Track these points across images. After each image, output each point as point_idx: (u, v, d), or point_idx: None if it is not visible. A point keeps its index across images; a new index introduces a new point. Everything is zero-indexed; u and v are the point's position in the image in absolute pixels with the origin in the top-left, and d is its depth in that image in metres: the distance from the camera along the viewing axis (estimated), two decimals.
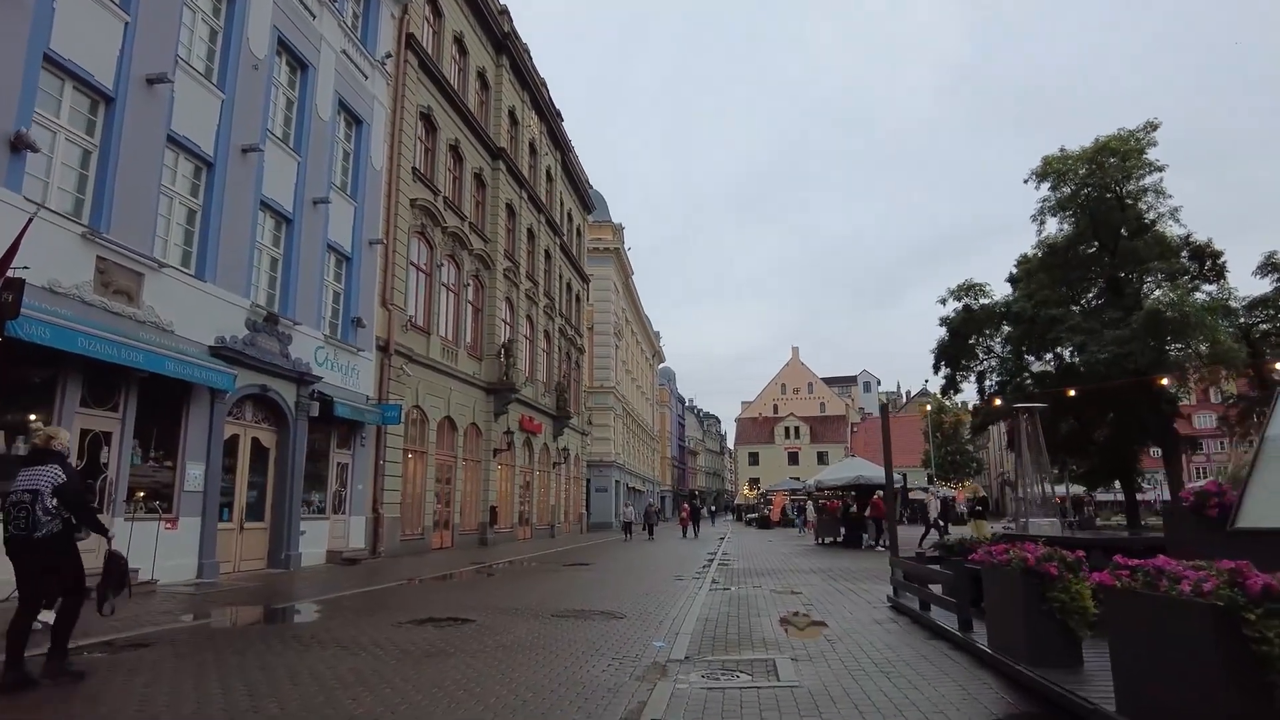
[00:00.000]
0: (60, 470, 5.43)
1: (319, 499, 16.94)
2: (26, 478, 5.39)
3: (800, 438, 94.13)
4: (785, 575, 14.64)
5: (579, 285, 42.12)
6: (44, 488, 5.28)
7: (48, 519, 5.25)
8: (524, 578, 14.59)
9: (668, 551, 23.65)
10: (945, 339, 35.64)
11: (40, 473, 5.37)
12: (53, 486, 5.30)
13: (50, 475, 5.35)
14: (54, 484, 5.31)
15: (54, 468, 5.41)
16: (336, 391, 16.98)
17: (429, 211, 22.29)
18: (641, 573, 15.58)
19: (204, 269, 13.38)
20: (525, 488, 31.01)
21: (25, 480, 5.37)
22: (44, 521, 5.24)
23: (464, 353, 24.87)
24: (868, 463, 24.95)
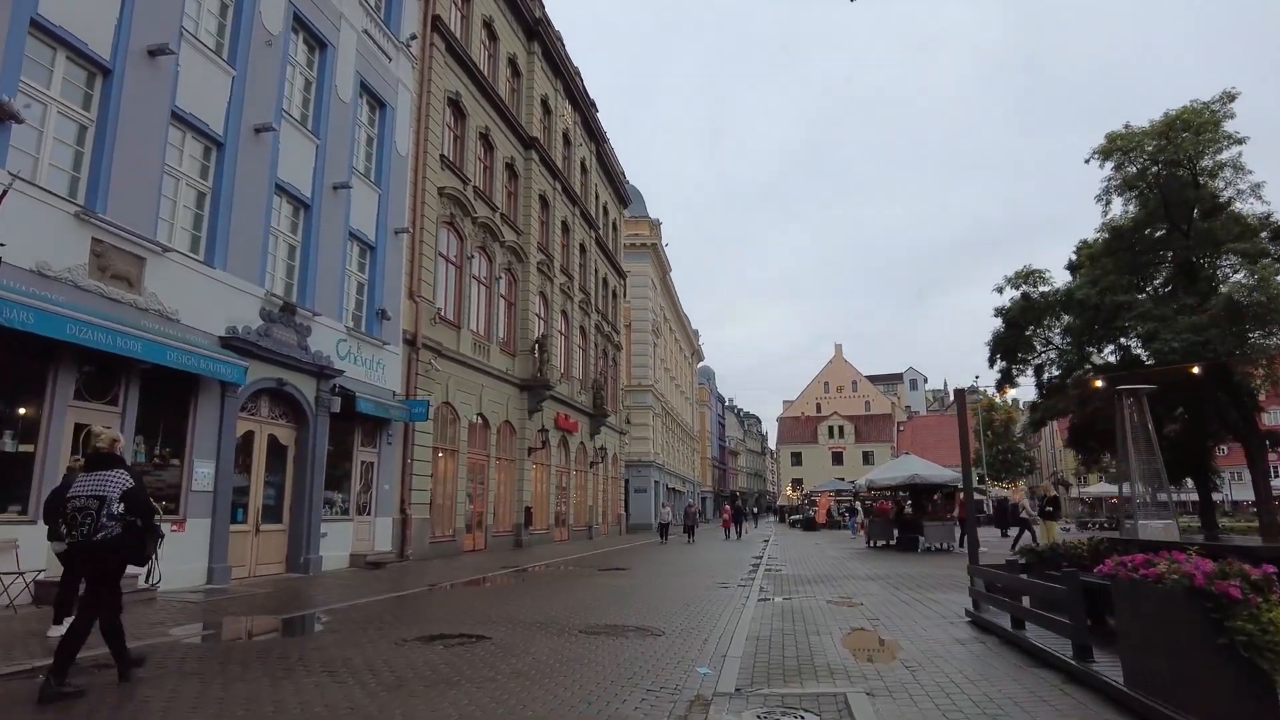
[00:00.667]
0: (127, 475, 5.37)
1: (342, 500, 16.11)
2: (92, 483, 5.27)
3: (844, 437, 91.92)
4: (841, 582, 13.36)
5: (615, 281, 41.10)
6: (112, 494, 5.21)
7: (110, 523, 5.17)
8: (554, 584, 13.54)
9: (710, 555, 22.45)
10: (1001, 330, 33.84)
11: (106, 478, 5.26)
12: (121, 492, 5.24)
13: (118, 481, 5.27)
14: (123, 489, 5.25)
15: (120, 473, 5.33)
16: (360, 387, 16.15)
17: (458, 201, 21.43)
18: (682, 579, 14.43)
19: (214, 255, 12.60)
20: (562, 488, 30.05)
21: (91, 486, 5.25)
22: (106, 526, 5.16)
23: (496, 348, 23.98)
24: (923, 460, 23.49)
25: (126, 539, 5.27)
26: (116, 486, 5.25)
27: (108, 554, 5.21)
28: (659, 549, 24.30)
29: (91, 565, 5.26)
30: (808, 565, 17.71)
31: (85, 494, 5.24)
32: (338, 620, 8.84)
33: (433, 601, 10.76)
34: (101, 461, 5.43)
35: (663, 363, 56.31)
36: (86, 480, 5.33)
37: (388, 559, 16.57)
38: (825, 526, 48.24)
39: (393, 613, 9.45)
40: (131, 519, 5.30)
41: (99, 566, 5.25)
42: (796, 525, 53.97)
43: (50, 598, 9.21)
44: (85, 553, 5.19)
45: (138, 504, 5.35)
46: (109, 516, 5.17)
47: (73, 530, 5.22)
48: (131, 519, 5.30)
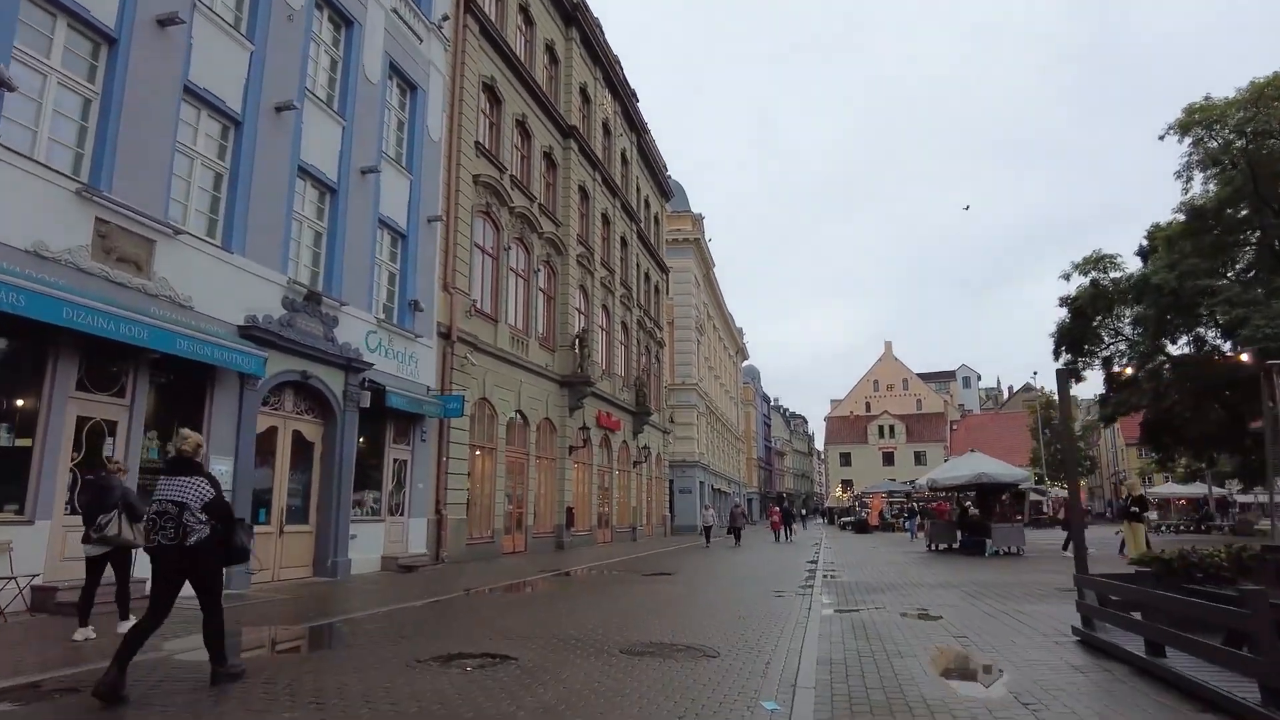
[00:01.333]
0: (208, 485, 5.30)
1: (373, 499, 15.32)
2: (171, 488, 5.21)
3: (895, 437, 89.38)
4: (910, 591, 12.08)
5: (658, 276, 40.04)
6: (192, 502, 5.15)
7: (199, 526, 5.13)
8: (595, 590, 12.52)
9: (760, 560, 21.23)
10: (1066, 321, 31.92)
11: (187, 485, 5.20)
12: (203, 503, 5.19)
13: (199, 490, 5.22)
14: (203, 501, 5.20)
15: (201, 482, 5.28)
16: (391, 380, 15.36)
17: (494, 190, 20.60)
18: (733, 587, 13.29)
19: (232, 239, 11.87)
20: (604, 488, 29.08)
21: (170, 490, 5.19)
22: (195, 529, 5.11)
23: (535, 343, 23.11)
24: (989, 458, 21.95)
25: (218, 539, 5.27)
26: (197, 497, 5.19)
27: (205, 555, 5.19)
28: (704, 553, 23.12)
29: (185, 567, 5.19)
30: (868, 571, 16.41)
31: (165, 498, 5.18)
32: (352, 633, 7.93)
33: (460, 610, 9.81)
34: (183, 466, 5.34)
35: (706, 361, 55.06)
36: (167, 484, 5.25)
37: (421, 562, 15.74)
38: (878, 529, 46.50)
39: (415, 624, 8.51)
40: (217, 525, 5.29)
41: (199, 568, 5.21)
42: (847, 527, 52.22)
43: (48, 605, 8.52)
44: (178, 556, 5.12)
45: (219, 514, 5.31)
46: (194, 520, 5.13)
47: (154, 534, 5.14)
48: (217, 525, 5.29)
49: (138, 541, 7.03)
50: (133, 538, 7.09)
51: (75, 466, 9.33)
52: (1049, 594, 11.18)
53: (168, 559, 5.15)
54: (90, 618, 7.27)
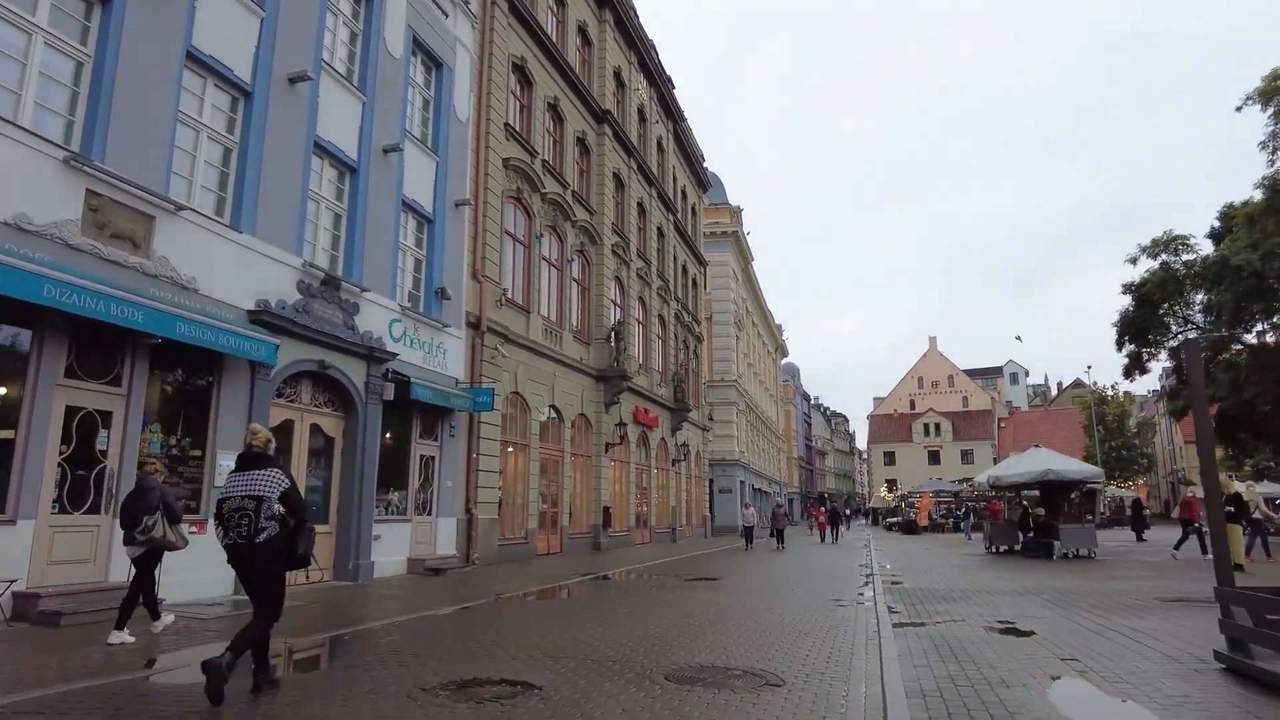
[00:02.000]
0: (283, 475, 5.24)
1: (398, 498, 14.45)
2: (248, 483, 5.12)
3: (941, 435, 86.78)
4: (984, 599, 10.79)
5: (695, 269, 38.87)
6: (270, 493, 5.07)
7: (269, 524, 5.04)
8: (634, 598, 11.45)
9: (809, 563, 19.98)
10: (1130, 309, 29.91)
11: (263, 478, 5.13)
12: (280, 492, 5.11)
13: (276, 481, 5.15)
14: (281, 489, 5.13)
15: (276, 473, 5.20)
16: (417, 372, 14.49)
17: (525, 175, 19.66)
18: (786, 594, 12.12)
19: (241, 218, 11.04)
20: (642, 487, 28.02)
21: (246, 485, 5.11)
22: (265, 526, 5.02)
23: (569, 335, 22.14)
24: (1055, 454, 20.39)
25: (286, 539, 5.16)
26: (275, 486, 5.11)
27: (271, 555, 5.09)
28: (747, 556, 21.86)
29: (252, 567, 5.12)
30: (930, 575, 15.10)
31: (240, 494, 5.08)
32: (358, 648, 6.96)
33: (485, 621, 8.82)
34: (255, 461, 5.25)
35: (745, 358, 53.71)
36: (240, 480, 5.16)
37: (450, 564, 14.83)
38: (927, 529, 44.75)
39: (430, 638, 7.54)
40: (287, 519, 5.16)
41: (262, 568, 5.12)
42: (894, 528, 50.53)
43: (29, 613, 7.73)
44: (246, 554, 5.05)
45: (295, 504, 5.21)
46: (268, 517, 5.02)
47: (230, 532, 5.05)
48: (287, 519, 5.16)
49: (177, 544, 7.23)
50: (173, 539, 7.17)
51: (64, 460, 8.53)
52: (1151, 605, 9.82)
53: (240, 557, 5.07)
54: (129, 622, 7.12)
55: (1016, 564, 17.62)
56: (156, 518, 7.01)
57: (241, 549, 5.02)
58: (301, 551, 5.28)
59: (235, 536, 5.01)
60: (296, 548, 5.23)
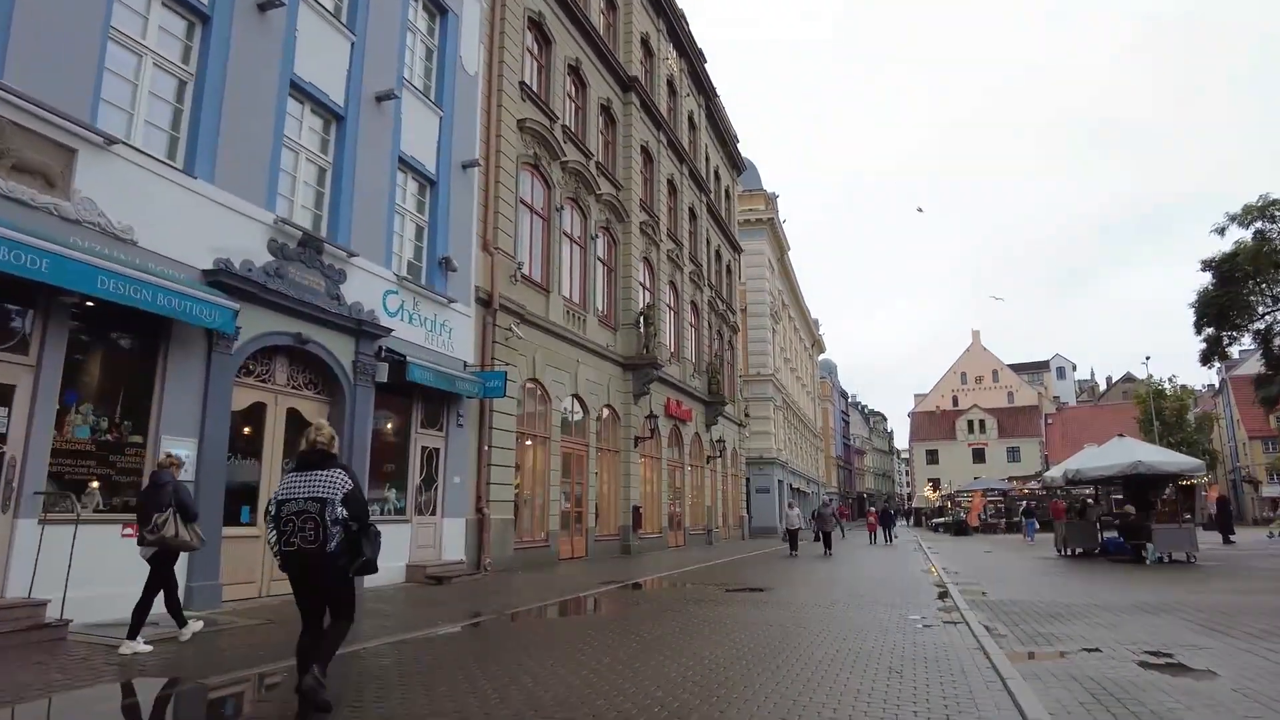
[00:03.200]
0: (347, 476, 4.79)
1: (395, 496, 12.66)
2: (308, 484, 4.68)
3: (986, 432, 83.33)
4: (1104, 617, 8.63)
5: (729, 255, 36.77)
6: (333, 496, 4.64)
7: (336, 529, 4.62)
8: (670, 616, 9.48)
9: (865, 569, 17.82)
10: (1209, 288, 27.13)
11: (324, 478, 4.69)
12: (343, 494, 4.68)
13: (339, 482, 4.70)
14: (345, 490, 4.70)
15: (340, 474, 4.76)
16: (417, 352, 12.69)
17: (543, 140, 17.80)
18: (852, 610, 10.06)
19: (197, 163, 9.30)
20: (675, 486, 26.03)
21: (306, 486, 4.66)
22: (334, 532, 4.60)
23: (594, 319, 20.24)
24: (1145, 444, 18.02)
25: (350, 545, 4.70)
26: (339, 488, 4.67)
27: (343, 562, 4.66)
28: (794, 563, 19.64)
29: (320, 575, 4.67)
30: (1012, 585, 12.91)
31: (303, 495, 4.64)
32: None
33: (481, 650, 6.94)
34: (316, 460, 4.81)
35: (782, 352, 51.43)
36: (300, 480, 4.72)
37: (456, 571, 12.99)
38: (978, 530, 42.14)
39: (402, 679, 5.66)
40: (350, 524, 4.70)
41: (332, 575, 4.68)
42: (940, 529, 47.95)
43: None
44: (314, 562, 4.58)
45: (359, 508, 4.79)
46: (334, 521, 4.60)
47: (293, 537, 4.58)
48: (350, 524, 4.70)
49: (192, 543, 6.81)
50: (188, 538, 6.74)
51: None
52: None
53: (308, 565, 4.61)
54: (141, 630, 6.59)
55: (1107, 571, 15.31)
56: (168, 515, 6.55)
57: (308, 556, 4.58)
58: (368, 557, 4.83)
59: (300, 542, 4.58)
60: (363, 553, 4.78)
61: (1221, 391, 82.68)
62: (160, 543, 6.61)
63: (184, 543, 6.74)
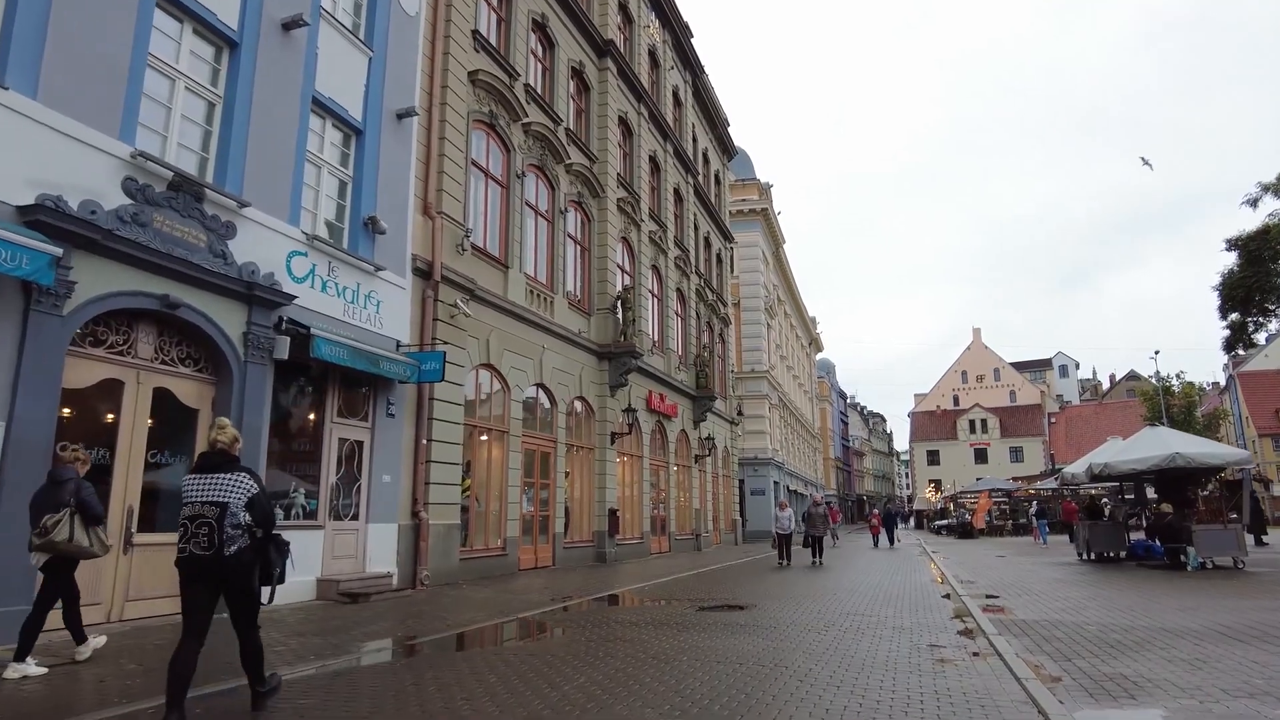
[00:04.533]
0: (251, 479, 4.59)
1: (304, 496, 10.62)
2: (207, 487, 4.48)
3: (988, 431, 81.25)
4: (1181, 647, 6.62)
5: (720, 243, 34.77)
6: (235, 500, 4.46)
7: (236, 532, 4.42)
8: (611, 650, 7.44)
9: (865, 578, 15.78)
10: (1235, 268, 25.09)
11: (226, 482, 4.48)
12: (247, 498, 4.51)
13: (243, 486, 4.52)
14: (249, 495, 4.52)
15: (243, 476, 4.56)
16: (332, 325, 10.70)
17: (501, 98, 15.82)
18: (848, 636, 8.04)
19: (7, 71, 7.29)
20: (659, 487, 23.99)
21: (205, 490, 4.47)
22: (233, 536, 4.40)
23: (563, 302, 18.24)
24: (1181, 434, 16.04)
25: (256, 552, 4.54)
26: (241, 492, 4.48)
27: (241, 569, 4.44)
28: (784, 574, 17.29)
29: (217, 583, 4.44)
30: (1042, 599, 10.88)
31: (200, 500, 4.44)
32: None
33: (295, 710, 4.91)
34: (218, 461, 4.57)
35: (778, 349, 49.45)
36: (199, 483, 4.49)
37: (379, 586, 10.95)
38: (983, 532, 40.09)
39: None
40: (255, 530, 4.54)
41: (237, 582, 4.48)
42: (943, 531, 45.92)
43: None
44: (210, 568, 4.35)
45: (264, 514, 4.60)
46: (234, 526, 4.41)
47: (185, 542, 4.39)
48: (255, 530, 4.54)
49: (93, 549, 6.04)
50: (87, 544, 5.96)
51: None
52: None
53: (201, 572, 4.35)
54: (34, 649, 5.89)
55: (1146, 580, 13.29)
56: (61, 517, 5.82)
57: (203, 562, 4.32)
58: (277, 570, 4.60)
59: (193, 548, 4.33)
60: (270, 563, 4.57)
61: (1229, 388, 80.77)
62: (49, 548, 5.88)
63: (80, 549, 5.97)
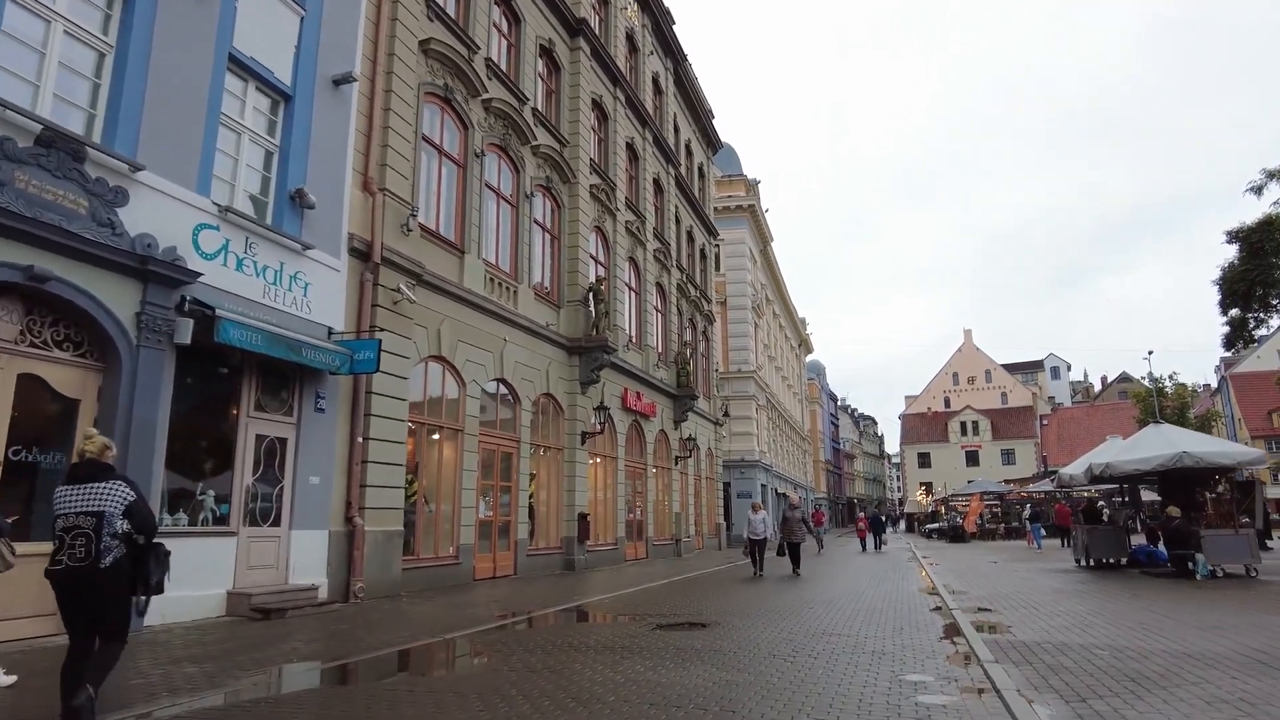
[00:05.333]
0: (126, 487, 4.50)
1: (213, 499, 9.41)
2: (81, 497, 4.38)
3: (980, 434, 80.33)
4: (1219, 681, 5.52)
5: (704, 238, 33.67)
6: (111, 509, 4.37)
7: (114, 542, 4.35)
8: (532, 684, 6.28)
9: (847, 587, 14.67)
10: (1236, 261, 24.24)
11: (101, 491, 4.40)
12: (125, 506, 4.41)
13: (119, 494, 4.42)
14: (125, 502, 4.42)
15: (119, 484, 4.48)
16: (248, 308, 9.52)
17: (458, 71, 14.69)
18: (819, 663, 6.91)
19: None
20: (637, 490, 22.83)
21: (79, 500, 4.37)
22: (111, 547, 4.33)
23: (529, 292, 17.08)
24: (1183, 430, 14.99)
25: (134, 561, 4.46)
26: (117, 500, 4.40)
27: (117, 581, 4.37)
28: (756, 586, 15.38)
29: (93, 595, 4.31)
30: (1043, 614, 9.76)
31: (74, 510, 4.34)
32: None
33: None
34: (90, 472, 4.46)
35: (766, 349, 48.35)
36: (72, 494, 4.39)
37: (301, 600, 9.75)
38: (975, 536, 39.06)
39: None
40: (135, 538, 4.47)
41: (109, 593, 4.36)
42: (934, 535, 44.93)
43: None
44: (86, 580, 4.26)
45: (144, 521, 4.51)
46: (110, 535, 4.33)
47: (60, 554, 4.29)
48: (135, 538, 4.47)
49: None
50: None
51: None
52: None
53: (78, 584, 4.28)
54: None
55: (1154, 590, 12.20)
56: None
57: (78, 574, 4.24)
58: (156, 579, 4.52)
59: (68, 560, 4.25)
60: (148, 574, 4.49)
61: (1221, 390, 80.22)
62: None
63: None
